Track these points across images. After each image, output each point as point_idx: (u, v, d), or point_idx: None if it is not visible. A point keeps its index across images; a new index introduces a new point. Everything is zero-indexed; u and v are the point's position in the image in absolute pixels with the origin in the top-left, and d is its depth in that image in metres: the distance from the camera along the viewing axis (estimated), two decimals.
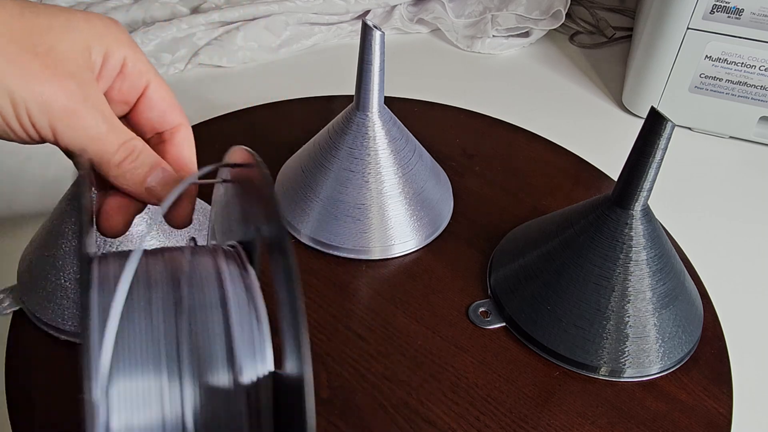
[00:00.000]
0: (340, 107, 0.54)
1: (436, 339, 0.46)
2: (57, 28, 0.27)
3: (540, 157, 0.64)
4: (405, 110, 0.63)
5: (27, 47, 0.26)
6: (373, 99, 0.50)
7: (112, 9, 0.82)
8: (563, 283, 0.45)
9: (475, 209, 0.57)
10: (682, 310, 0.46)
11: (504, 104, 0.73)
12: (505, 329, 0.47)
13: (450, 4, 0.88)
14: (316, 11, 0.84)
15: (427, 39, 0.87)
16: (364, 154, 0.50)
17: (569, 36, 0.89)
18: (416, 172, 0.53)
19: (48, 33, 0.26)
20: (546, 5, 0.85)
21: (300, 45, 0.83)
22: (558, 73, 0.82)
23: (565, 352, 0.45)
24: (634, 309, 0.44)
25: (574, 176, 0.62)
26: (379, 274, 0.50)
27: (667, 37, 0.68)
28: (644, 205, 0.44)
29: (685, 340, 0.46)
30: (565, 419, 0.42)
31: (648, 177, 0.42)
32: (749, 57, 0.67)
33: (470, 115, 0.69)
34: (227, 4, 0.83)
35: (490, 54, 0.84)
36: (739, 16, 0.65)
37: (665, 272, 0.45)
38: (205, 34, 0.80)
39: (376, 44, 0.47)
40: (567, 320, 0.45)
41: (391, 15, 0.87)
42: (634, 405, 0.43)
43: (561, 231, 0.47)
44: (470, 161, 0.62)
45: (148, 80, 0.30)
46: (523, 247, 0.50)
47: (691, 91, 0.70)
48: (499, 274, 0.50)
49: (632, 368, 0.44)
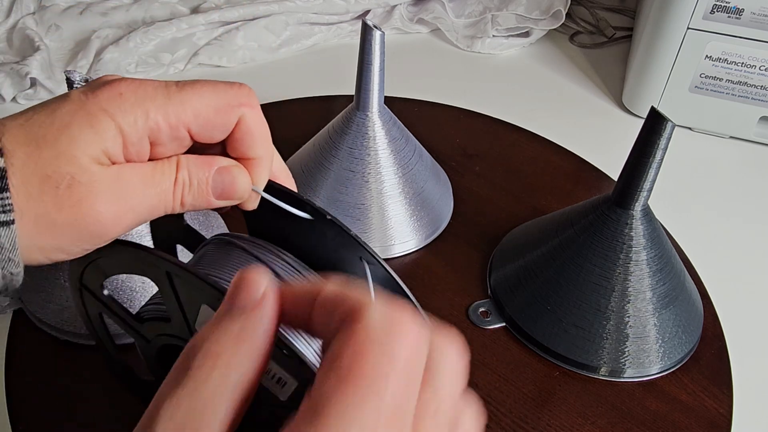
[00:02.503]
0: (340, 107, 0.54)
1: None
2: (63, 154, 0.25)
3: (540, 157, 0.64)
4: (405, 110, 0.63)
5: (50, 195, 0.25)
6: (373, 99, 0.50)
7: (111, 9, 0.82)
8: (563, 283, 0.45)
9: (475, 209, 0.57)
10: (682, 310, 0.46)
11: (504, 104, 0.73)
12: (505, 329, 0.47)
13: (450, 4, 0.87)
14: (316, 11, 0.84)
15: (427, 39, 0.87)
16: (364, 154, 0.50)
17: (569, 36, 0.88)
18: (416, 172, 0.53)
19: (58, 163, 0.25)
20: (546, 5, 0.85)
21: (300, 45, 0.83)
22: (558, 73, 0.82)
23: (565, 352, 0.45)
24: (634, 309, 0.44)
25: (574, 176, 0.62)
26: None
27: (668, 37, 0.68)
28: (644, 205, 0.44)
29: (685, 340, 0.46)
30: (565, 419, 0.42)
31: (648, 177, 0.42)
32: (749, 57, 0.67)
33: (470, 115, 0.69)
34: (227, 4, 0.83)
35: (490, 54, 0.84)
36: (740, 16, 0.65)
37: (665, 272, 0.45)
38: (205, 34, 0.80)
39: (376, 44, 0.47)
40: (567, 320, 0.45)
41: (391, 15, 0.87)
42: (634, 405, 0.43)
43: (561, 231, 0.47)
44: (470, 161, 0.62)
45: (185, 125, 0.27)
46: (523, 247, 0.50)
47: (692, 91, 0.70)
48: (499, 274, 0.50)
49: (632, 368, 0.44)
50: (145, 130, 0.26)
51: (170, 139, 0.27)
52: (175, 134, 0.27)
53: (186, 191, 0.28)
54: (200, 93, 0.27)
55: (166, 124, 0.26)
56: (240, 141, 0.28)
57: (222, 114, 0.27)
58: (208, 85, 0.27)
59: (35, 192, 0.24)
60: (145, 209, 0.27)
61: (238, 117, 0.28)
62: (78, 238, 0.26)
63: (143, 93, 0.26)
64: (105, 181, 0.25)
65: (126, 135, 0.26)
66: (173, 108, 0.26)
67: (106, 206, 0.25)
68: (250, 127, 0.28)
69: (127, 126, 0.26)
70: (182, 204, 0.28)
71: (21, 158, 0.24)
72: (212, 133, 0.28)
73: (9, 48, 0.77)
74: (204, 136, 0.28)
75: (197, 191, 0.28)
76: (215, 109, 0.27)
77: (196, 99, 0.27)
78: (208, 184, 0.28)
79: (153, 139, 0.27)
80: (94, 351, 0.44)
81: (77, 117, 0.25)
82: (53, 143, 0.25)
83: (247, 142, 0.29)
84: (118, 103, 0.26)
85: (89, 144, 0.25)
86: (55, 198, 0.25)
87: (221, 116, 0.27)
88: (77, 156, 0.25)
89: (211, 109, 0.27)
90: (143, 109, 0.26)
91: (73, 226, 0.25)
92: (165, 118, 0.26)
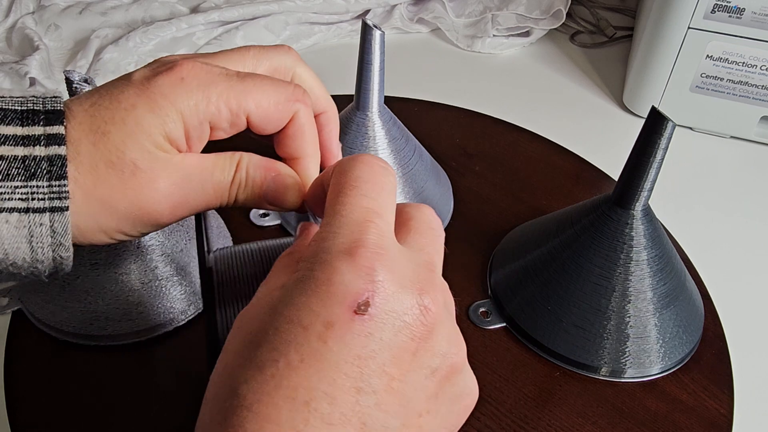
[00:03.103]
0: (340, 107, 0.54)
1: None
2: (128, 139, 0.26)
3: (540, 157, 0.64)
4: (405, 110, 0.63)
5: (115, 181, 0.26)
6: (373, 99, 0.50)
7: (111, 8, 0.82)
8: (564, 283, 0.45)
9: (475, 209, 0.57)
10: (682, 310, 0.46)
11: (504, 104, 0.73)
12: (505, 329, 0.47)
13: (450, 4, 0.87)
14: (315, 11, 0.84)
15: (428, 38, 0.87)
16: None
17: (570, 35, 0.88)
18: (416, 172, 0.52)
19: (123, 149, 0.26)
20: (546, 5, 0.85)
21: (300, 45, 0.83)
22: (558, 72, 0.82)
23: (566, 353, 0.45)
24: (634, 309, 0.44)
25: (575, 176, 0.62)
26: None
27: (668, 37, 0.68)
28: (645, 205, 0.44)
29: (686, 340, 0.46)
30: (565, 419, 0.42)
31: (649, 177, 0.42)
32: (750, 57, 0.67)
33: (470, 115, 0.69)
34: (227, 4, 0.83)
35: (490, 53, 0.84)
36: (740, 15, 0.65)
37: (666, 272, 0.45)
38: (204, 33, 0.80)
39: (376, 44, 0.47)
40: (567, 320, 0.45)
41: (391, 14, 0.87)
42: (635, 405, 0.43)
43: (561, 231, 0.47)
44: (470, 161, 0.62)
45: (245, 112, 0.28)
46: (523, 247, 0.49)
47: (692, 91, 0.70)
48: (499, 274, 0.50)
49: (633, 368, 0.44)
50: (207, 115, 0.27)
51: (230, 125, 0.28)
52: (235, 120, 0.28)
53: (241, 190, 0.29)
54: (261, 85, 0.28)
55: (227, 110, 0.27)
56: (292, 138, 0.30)
57: (281, 108, 0.29)
58: (268, 79, 0.29)
59: (102, 176, 0.26)
60: (201, 202, 0.28)
61: (293, 113, 0.29)
62: (137, 223, 0.27)
63: (205, 78, 0.27)
64: (167, 170, 0.27)
65: (186, 119, 0.27)
66: (235, 95, 0.27)
67: (165, 196, 0.27)
68: (302, 125, 0.30)
69: (188, 110, 0.27)
70: (236, 201, 0.29)
71: (87, 147, 0.26)
72: (267, 126, 0.29)
73: (8, 47, 0.77)
74: (260, 127, 0.29)
75: (251, 192, 0.29)
76: (275, 102, 0.28)
77: (257, 90, 0.28)
78: (262, 187, 0.29)
79: (213, 123, 0.28)
80: (94, 351, 0.44)
81: (140, 102, 0.26)
82: (118, 130, 0.26)
83: (298, 140, 0.30)
84: (180, 89, 0.27)
85: (152, 129, 0.26)
86: (120, 183, 0.26)
87: (280, 110, 0.29)
88: (140, 141, 0.26)
89: (272, 103, 0.28)
90: (205, 95, 0.27)
91: (132, 212, 0.26)
92: (227, 104, 0.27)
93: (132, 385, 0.42)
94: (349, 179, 0.24)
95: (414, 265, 0.22)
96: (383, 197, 0.23)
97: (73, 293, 0.43)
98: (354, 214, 0.22)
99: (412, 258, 0.23)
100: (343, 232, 0.22)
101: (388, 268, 0.21)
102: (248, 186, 0.29)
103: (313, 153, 0.30)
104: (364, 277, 0.21)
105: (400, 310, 0.21)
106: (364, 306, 0.20)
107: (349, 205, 0.23)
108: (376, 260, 0.21)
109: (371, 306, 0.21)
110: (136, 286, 0.43)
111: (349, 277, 0.21)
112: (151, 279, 0.43)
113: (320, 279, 0.21)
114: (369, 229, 0.22)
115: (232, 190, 0.29)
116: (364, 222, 0.22)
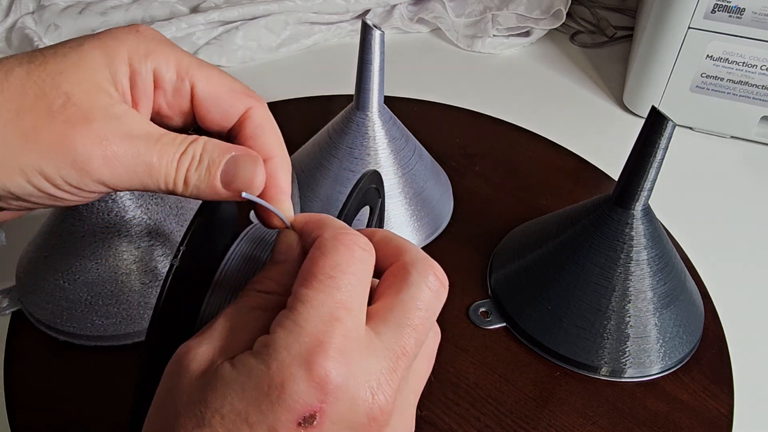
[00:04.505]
0: (340, 107, 0.54)
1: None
2: (68, 69, 0.24)
3: (540, 157, 0.64)
4: (405, 110, 0.63)
5: (42, 110, 0.24)
6: (373, 99, 0.50)
7: (111, 8, 0.82)
8: (564, 283, 0.45)
9: (475, 209, 0.57)
10: (683, 309, 0.46)
11: (504, 104, 0.73)
12: (505, 329, 0.47)
13: (450, 4, 0.87)
14: (315, 11, 0.83)
15: (427, 38, 0.87)
16: (364, 154, 0.50)
17: (570, 35, 0.88)
18: (416, 172, 0.52)
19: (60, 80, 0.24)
20: (546, 4, 0.85)
21: (300, 44, 0.83)
22: (559, 72, 0.82)
23: (566, 352, 0.45)
24: (634, 309, 0.44)
25: (575, 176, 0.62)
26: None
27: (668, 37, 0.68)
28: (645, 204, 0.44)
29: (686, 340, 0.46)
30: (565, 419, 0.42)
31: (649, 177, 0.42)
32: (751, 56, 0.66)
33: (470, 115, 0.69)
34: (227, 4, 0.83)
35: (490, 53, 0.84)
36: (741, 15, 0.65)
37: (666, 272, 0.45)
38: (204, 33, 0.80)
39: (375, 44, 0.47)
40: (567, 320, 0.44)
41: (391, 14, 0.87)
42: (635, 405, 0.43)
43: (561, 231, 0.47)
44: (470, 161, 0.62)
45: (191, 80, 0.27)
46: (523, 247, 0.49)
47: (692, 91, 0.70)
48: (499, 274, 0.50)
49: (633, 368, 0.44)
50: (155, 63, 0.26)
51: (173, 90, 0.27)
52: (179, 86, 0.27)
53: (193, 168, 0.26)
54: (217, 70, 0.28)
55: (174, 70, 0.27)
56: (253, 138, 0.28)
57: (233, 96, 0.28)
58: (224, 72, 0.28)
59: (29, 104, 0.24)
60: (141, 166, 0.25)
61: (247, 108, 0.28)
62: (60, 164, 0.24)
63: (162, 38, 0.27)
64: (105, 114, 0.25)
65: (134, 63, 0.26)
66: (188, 60, 0.27)
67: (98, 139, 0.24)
68: (261, 122, 0.28)
69: (137, 56, 0.26)
70: (185, 182, 0.26)
71: (19, 73, 0.24)
72: (214, 110, 0.27)
73: (8, 47, 0.77)
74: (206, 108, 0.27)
75: (204, 171, 0.26)
76: (229, 88, 0.27)
77: (211, 69, 0.27)
78: (219, 166, 0.26)
79: (157, 76, 0.26)
80: (94, 351, 0.44)
81: (89, 41, 0.25)
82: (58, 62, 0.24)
83: (260, 140, 0.28)
84: (133, 36, 0.26)
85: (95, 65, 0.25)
86: (47, 114, 0.24)
87: (231, 97, 0.28)
88: (80, 75, 0.24)
89: (225, 87, 0.27)
90: (157, 46, 0.26)
91: (57, 147, 0.24)
92: (176, 64, 0.27)
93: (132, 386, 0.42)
94: (327, 265, 0.22)
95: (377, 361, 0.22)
96: (358, 290, 0.23)
97: (72, 293, 0.43)
98: (323, 308, 0.22)
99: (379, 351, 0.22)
100: (308, 330, 0.21)
101: (344, 377, 0.21)
102: (203, 163, 0.26)
103: (279, 153, 0.28)
104: (316, 389, 0.21)
105: (349, 419, 0.21)
106: (310, 418, 0.21)
107: (322, 295, 0.22)
108: (333, 370, 0.21)
109: (317, 419, 0.21)
110: (136, 286, 0.43)
111: (302, 387, 0.21)
112: (151, 279, 0.43)
113: (275, 381, 0.21)
114: (334, 331, 0.21)
115: (182, 163, 0.25)
116: (331, 320, 0.22)
